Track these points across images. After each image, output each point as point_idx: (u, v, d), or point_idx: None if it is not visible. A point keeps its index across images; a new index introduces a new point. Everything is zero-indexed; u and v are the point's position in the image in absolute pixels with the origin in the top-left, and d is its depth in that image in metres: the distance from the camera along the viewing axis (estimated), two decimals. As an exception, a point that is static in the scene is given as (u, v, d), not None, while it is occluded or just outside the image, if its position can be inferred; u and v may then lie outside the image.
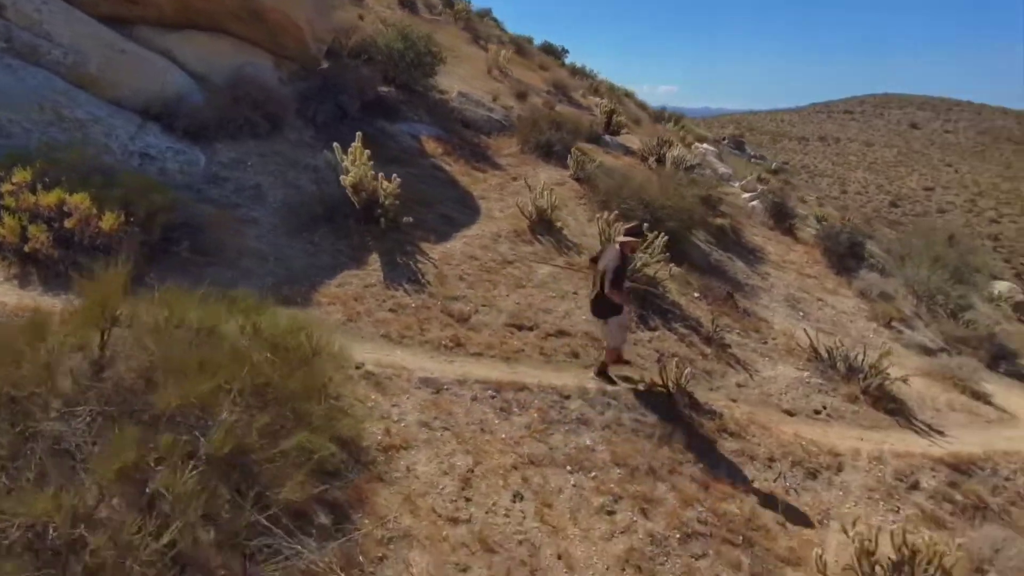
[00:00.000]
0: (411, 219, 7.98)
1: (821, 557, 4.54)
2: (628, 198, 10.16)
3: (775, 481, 5.89)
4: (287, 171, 8.69)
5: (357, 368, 5.56)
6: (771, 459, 6.13)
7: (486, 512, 4.42)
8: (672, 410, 6.24)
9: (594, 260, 6.62)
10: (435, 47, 12.17)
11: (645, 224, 7.50)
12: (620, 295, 6.13)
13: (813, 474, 6.15)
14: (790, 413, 7.18)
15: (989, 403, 9.00)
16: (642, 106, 23.70)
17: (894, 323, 10.80)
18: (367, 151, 7.83)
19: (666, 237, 8.55)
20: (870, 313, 10.74)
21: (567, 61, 26.50)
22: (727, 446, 6.09)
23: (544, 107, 13.86)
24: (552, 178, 11.23)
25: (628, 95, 25.07)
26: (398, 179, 7.90)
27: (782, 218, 13.21)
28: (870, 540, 4.56)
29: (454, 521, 4.26)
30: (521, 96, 15.01)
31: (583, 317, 7.53)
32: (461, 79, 14.53)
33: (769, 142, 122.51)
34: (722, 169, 14.80)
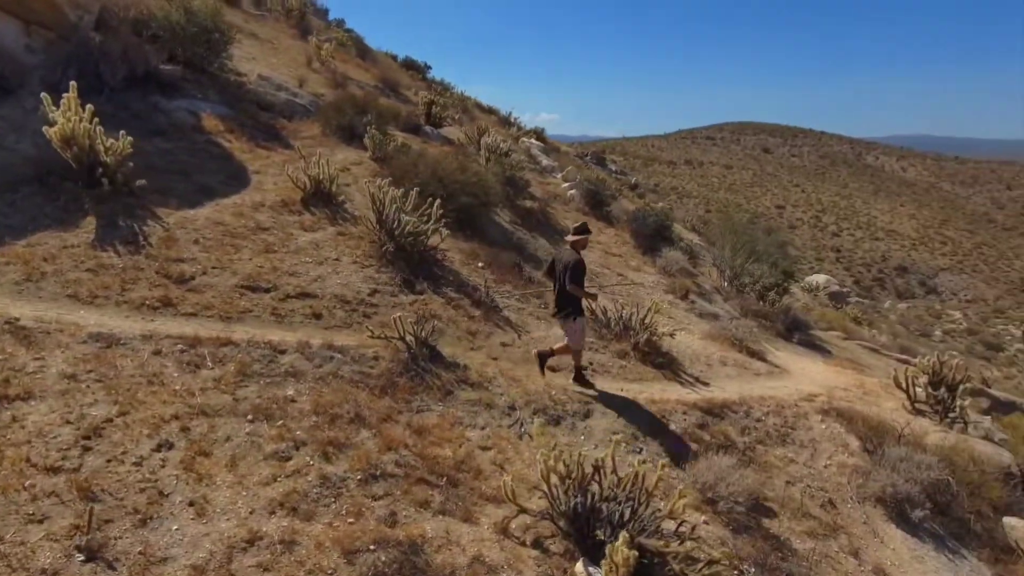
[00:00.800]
0: (145, 183, 7.16)
1: (508, 484, 4.26)
2: (422, 174, 9.88)
3: (510, 427, 5.63)
4: (7, 135, 7.61)
5: (8, 323, 4.71)
6: (512, 407, 5.88)
7: (107, 461, 3.75)
8: (408, 363, 5.85)
9: (550, 269, 6.73)
10: (223, 24, 11.41)
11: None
12: (581, 290, 6.26)
13: (556, 420, 5.97)
14: (553, 369, 7.03)
15: (763, 360, 9.45)
16: (490, 110, 23.96)
17: (691, 295, 11.21)
18: (125, 128, 6.96)
19: (440, 206, 8.27)
20: (668, 286, 11.10)
21: (430, 75, 26.47)
22: (463, 396, 5.77)
23: (362, 96, 13.41)
24: (349, 158, 10.77)
25: (478, 104, 25.28)
26: (129, 138, 7.08)
27: (598, 205, 13.53)
28: (559, 459, 4.33)
29: (53, 470, 3.55)
30: (339, 86, 14.50)
31: (339, 281, 7.05)
32: (271, 66, 13.80)
33: (642, 166, 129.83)
34: (546, 162, 15.05)
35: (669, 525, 4.45)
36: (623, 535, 3.83)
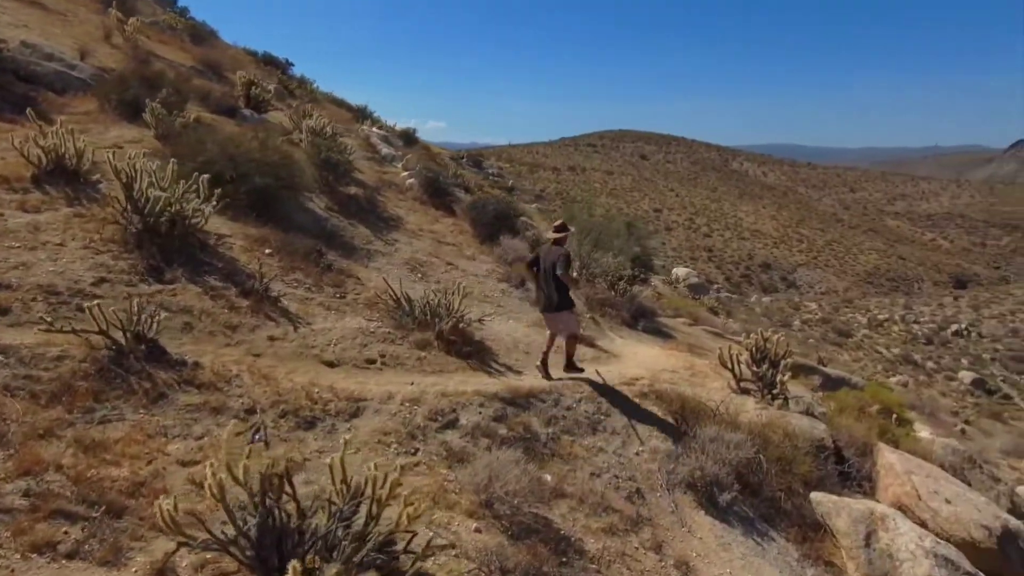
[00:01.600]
0: None
1: (166, 508, 3.16)
2: (211, 152, 8.51)
3: (239, 435, 4.52)
4: None
5: None
6: (250, 410, 4.77)
7: None
8: (107, 364, 4.59)
9: (531, 264, 7.15)
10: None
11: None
12: (572, 280, 6.82)
13: (311, 423, 4.92)
14: (331, 364, 5.98)
15: (592, 345, 8.94)
16: (343, 104, 22.56)
17: (528, 284, 10.58)
18: None
19: (231, 187, 7.01)
20: (503, 275, 10.39)
21: (292, 72, 24.63)
22: (183, 400, 4.59)
23: (158, 71, 11.71)
24: (127, 136, 9.19)
25: (333, 99, 23.80)
26: None
27: (438, 194, 12.67)
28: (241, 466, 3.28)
29: None
30: (142, 63, 12.68)
31: (51, 268, 5.62)
32: (50, 36, 11.80)
33: (527, 172, 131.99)
34: (386, 151, 14.02)
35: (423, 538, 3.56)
36: (335, 568, 2.91)
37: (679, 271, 21.62)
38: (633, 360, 8.62)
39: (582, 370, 7.11)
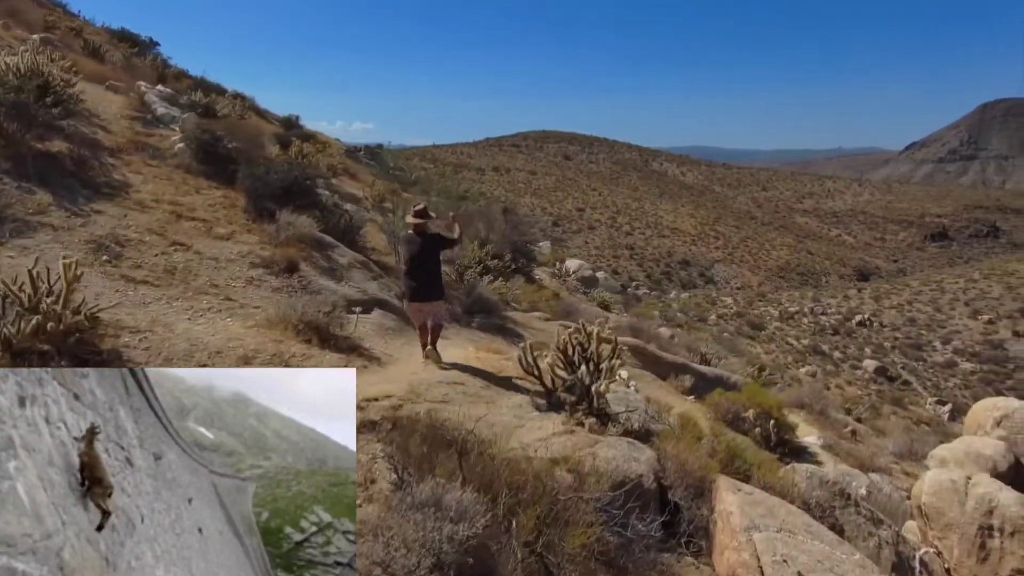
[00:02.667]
0: None
1: None
2: None
3: None
4: None
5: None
6: None
7: None
8: None
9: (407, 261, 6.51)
10: None
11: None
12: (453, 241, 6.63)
13: None
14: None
15: (357, 349, 6.46)
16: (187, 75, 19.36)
17: (304, 268, 7.94)
18: None
19: None
20: (263, 259, 7.72)
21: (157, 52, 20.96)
22: None
23: None
24: None
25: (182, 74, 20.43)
26: None
27: (216, 162, 9.81)
28: None
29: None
30: None
31: None
32: None
33: (452, 172, 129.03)
34: (162, 111, 11.16)
35: None
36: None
37: (571, 263, 19.80)
38: (405, 369, 6.14)
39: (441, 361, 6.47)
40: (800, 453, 7.68)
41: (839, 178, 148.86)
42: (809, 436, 9.28)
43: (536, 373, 5.94)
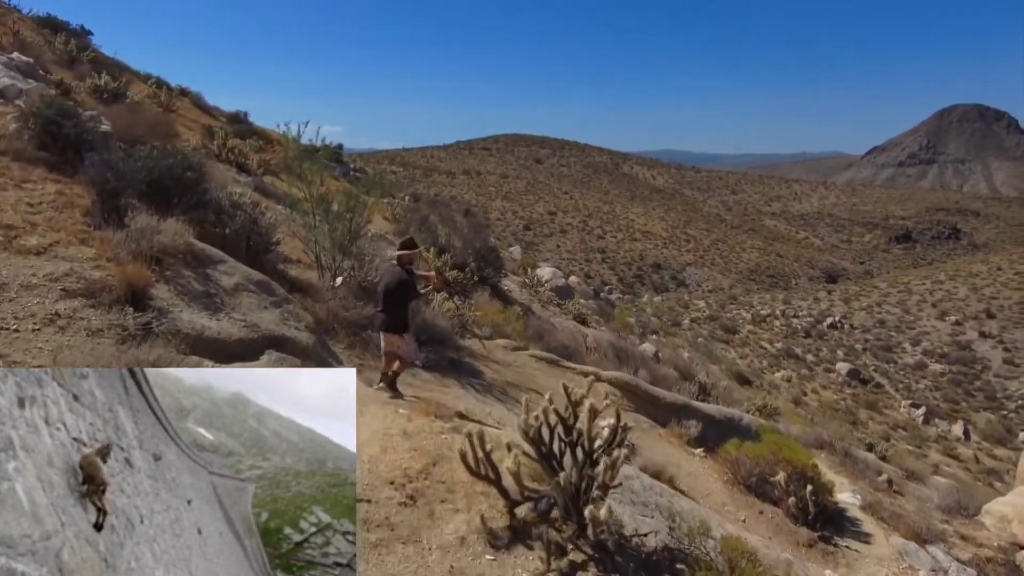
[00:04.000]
0: None
1: None
2: None
3: None
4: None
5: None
6: None
7: None
8: None
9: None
10: None
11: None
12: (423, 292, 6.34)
13: None
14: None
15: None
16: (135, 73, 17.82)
17: (158, 295, 5.97)
18: None
19: None
20: (90, 284, 5.78)
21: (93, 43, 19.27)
22: None
23: None
24: None
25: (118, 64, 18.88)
26: None
27: (66, 149, 7.98)
28: None
29: None
30: None
31: None
32: None
33: (422, 176, 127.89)
34: (6, 81, 9.68)
35: None
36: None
37: (543, 272, 18.38)
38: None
39: (401, 395, 5.92)
40: (838, 520, 6.35)
41: (805, 181, 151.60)
42: (843, 492, 7.67)
43: (491, 476, 3.85)
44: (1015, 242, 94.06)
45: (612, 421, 3.89)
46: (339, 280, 7.63)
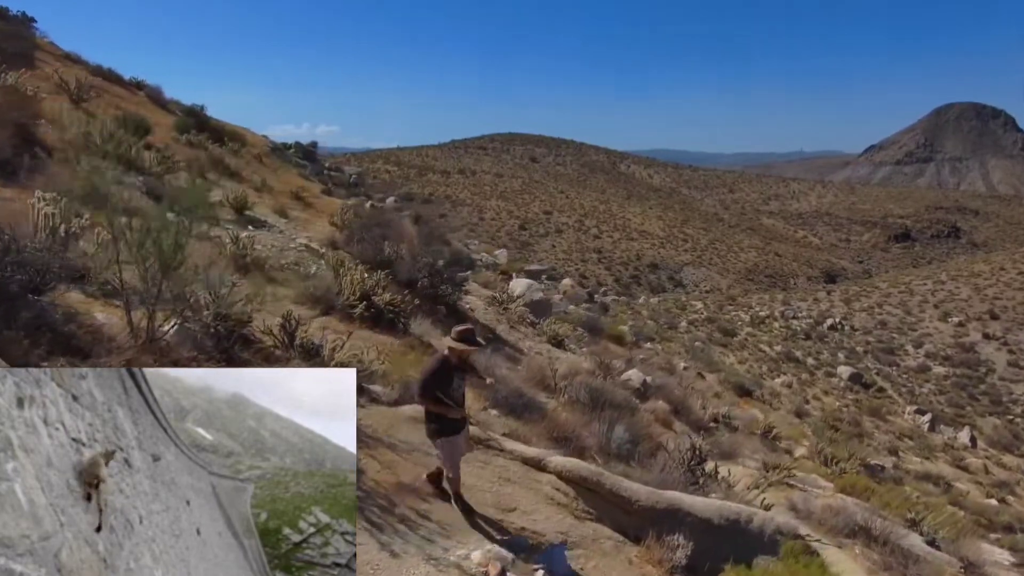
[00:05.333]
0: None
1: None
2: None
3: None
4: None
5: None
6: None
7: None
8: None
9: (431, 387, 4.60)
10: None
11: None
12: (430, 404, 4.37)
13: None
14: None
15: None
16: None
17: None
18: None
19: None
20: None
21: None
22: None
23: None
24: None
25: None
26: None
27: None
28: None
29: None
30: None
31: None
32: None
33: (416, 175, 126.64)
34: None
35: None
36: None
37: (517, 283, 15.44)
38: None
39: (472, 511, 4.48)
40: None
41: (803, 180, 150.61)
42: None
43: None
44: (1015, 240, 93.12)
45: None
46: (169, 326, 4.78)
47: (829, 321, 53.95)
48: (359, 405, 4.88)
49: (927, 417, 34.01)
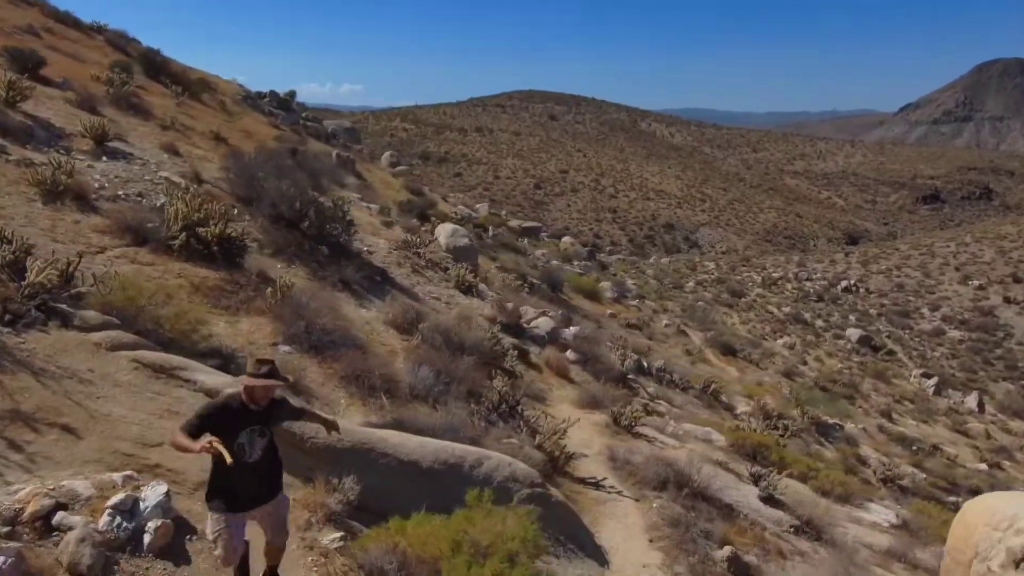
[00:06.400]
0: None
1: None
2: None
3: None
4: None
5: None
6: None
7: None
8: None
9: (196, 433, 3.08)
10: None
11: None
12: (175, 439, 2.88)
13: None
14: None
15: None
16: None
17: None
18: None
19: None
20: None
21: None
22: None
23: None
24: None
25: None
26: None
27: None
28: None
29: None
30: None
31: None
32: None
33: (433, 133, 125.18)
34: None
35: None
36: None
37: (443, 228, 13.02)
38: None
39: None
40: None
41: (831, 139, 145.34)
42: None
43: None
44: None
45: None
46: None
47: (844, 283, 52.40)
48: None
49: (933, 381, 32.95)
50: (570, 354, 9.11)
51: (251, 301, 5.90)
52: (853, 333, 41.00)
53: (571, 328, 10.35)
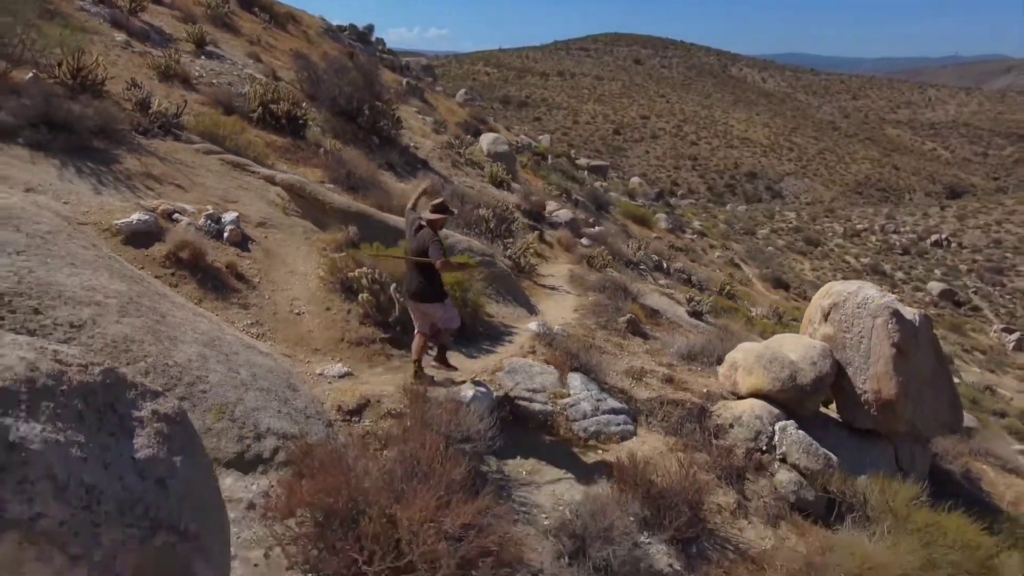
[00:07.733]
0: None
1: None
2: None
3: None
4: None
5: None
6: None
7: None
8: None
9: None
10: None
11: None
12: (451, 268, 5.08)
13: None
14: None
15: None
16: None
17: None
18: None
19: None
20: None
21: None
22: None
23: None
24: None
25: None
26: None
27: None
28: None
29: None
30: None
31: None
32: None
33: (515, 77, 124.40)
34: None
35: None
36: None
37: (485, 138, 13.99)
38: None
39: (455, 367, 5.54)
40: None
41: (944, 87, 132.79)
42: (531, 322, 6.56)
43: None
44: None
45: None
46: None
47: (934, 237, 49.60)
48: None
49: (1015, 336, 31.57)
50: (584, 240, 10.17)
51: (309, 159, 7.60)
52: (935, 287, 39.33)
53: (596, 228, 11.33)
